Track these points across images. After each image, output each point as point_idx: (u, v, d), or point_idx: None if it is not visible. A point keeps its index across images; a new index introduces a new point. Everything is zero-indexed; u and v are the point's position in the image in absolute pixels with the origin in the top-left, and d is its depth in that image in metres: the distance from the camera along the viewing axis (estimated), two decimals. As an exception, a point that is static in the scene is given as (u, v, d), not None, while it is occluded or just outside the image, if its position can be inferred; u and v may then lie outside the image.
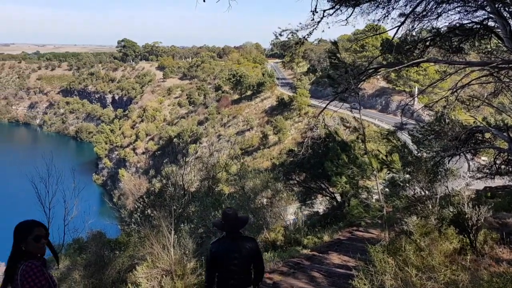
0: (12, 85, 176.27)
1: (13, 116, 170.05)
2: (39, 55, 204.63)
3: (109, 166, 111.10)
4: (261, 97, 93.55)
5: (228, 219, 5.39)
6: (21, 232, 3.98)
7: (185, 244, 8.63)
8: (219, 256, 5.30)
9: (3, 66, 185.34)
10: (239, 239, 5.39)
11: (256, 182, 16.04)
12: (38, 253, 3.96)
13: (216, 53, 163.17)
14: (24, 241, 3.94)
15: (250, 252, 5.35)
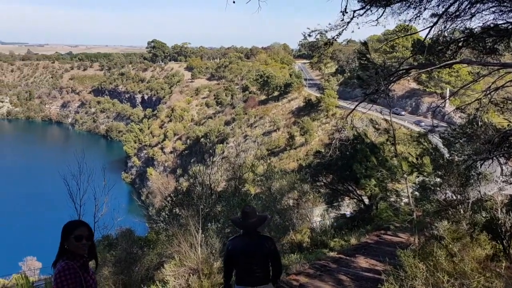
0: (45, 85, 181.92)
1: (46, 114, 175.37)
2: (72, 56, 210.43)
3: (138, 165, 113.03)
4: (288, 98, 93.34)
5: (246, 217, 5.43)
6: (65, 231, 4.07)
7: (212, 243, 8.69)
8: (235, 254, 5.39)
9: (38, 66, 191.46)
10: (256, 238, 5.43)
11: (282, 183, 15.99)
12: (78, 252, 4.02)
13: (243, 54, 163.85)
14: (67, 240, 4.03)
15: (267, 251, 5.40)
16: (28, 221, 75.22)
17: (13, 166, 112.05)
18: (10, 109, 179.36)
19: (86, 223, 4.22)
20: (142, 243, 11.85)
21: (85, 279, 4.00)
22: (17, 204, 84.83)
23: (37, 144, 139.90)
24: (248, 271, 5.42)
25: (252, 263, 5.39)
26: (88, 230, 4.13)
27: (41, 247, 52.79)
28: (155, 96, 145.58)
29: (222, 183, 19.92)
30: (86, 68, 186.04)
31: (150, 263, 10.20)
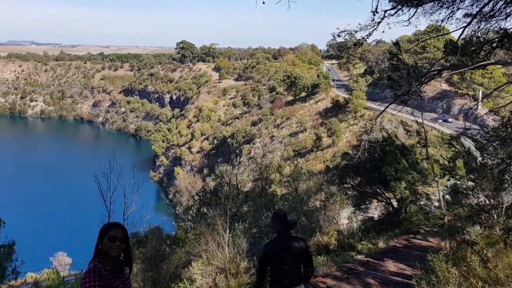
0: (77, 84, 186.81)
1: (78, 114, 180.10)
2: (103, 56, 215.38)
3: (166, 164, 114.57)
4: (315, 99, 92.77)
5: (279, 220, 5.59)
6: (101, 231, 4.12)
7: (239, 243, 8.72)
8: (272, 256, 5.48)
9: (70, 66, 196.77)
10: (290, 239, 5.58)
11: (309, 184, 15.90)
12: (110, 253, 4.05)
13: (271, 54, 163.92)
14: (102, 240, 4.07)
15: (300, 252, 5.55)
16: (60, 218, 77.27)
17: (46, 163, 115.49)
18: (43, 108, 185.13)
19: (122, 225, 4.25)
20: (171, 241, 12.00)
21: (113, 283, 4.02)
22: (50, 200, 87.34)
23: (69, 143, 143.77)
24: (283, 273, 5.52)
25: (288, 265, 5.50)
26: (123, 232, 4.15)
27: (71, 243, 54.27)
28: (183, 96, 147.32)
29: (249, 184, 19.96)
30: (116, 69, 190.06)
31: (178, 261, 10.32)
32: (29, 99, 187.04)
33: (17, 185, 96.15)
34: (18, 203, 78.27)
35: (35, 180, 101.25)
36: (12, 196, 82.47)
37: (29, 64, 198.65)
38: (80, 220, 68.78)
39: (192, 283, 8.00)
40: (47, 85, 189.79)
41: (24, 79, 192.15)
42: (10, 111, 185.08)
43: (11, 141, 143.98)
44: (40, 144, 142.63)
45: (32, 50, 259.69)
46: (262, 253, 5.64)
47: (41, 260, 34.30)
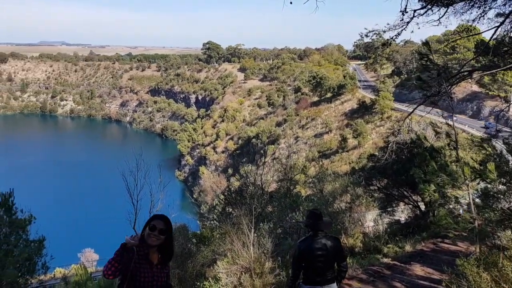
0: (106, 84, 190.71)
1: (106, 113, 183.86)
2: (131, 57, 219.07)
3: (191, 163, 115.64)
4: (341, 100, 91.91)
5: (315, 218, 5.78)
6: (147, 221, 4.40)
7: (264, 243, 8.71)
8: (306, 254, 5.69)
9: (99, 66, 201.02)
10: (324, 238, 5.75)
11: (335, 185, 15.76)
12: (148, 241, 4.27)
13: (296, 55, 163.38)
14: (145, 228, 4.34)
15: (334, 251, 5.73)
16: (88, 215, 78.93)
17: (75, 161, 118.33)
18: (73, 107, 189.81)
19: (166, 218, 4.45)
20: (197, 239, 12.10)
21: (142, 269, 4.24)
22: (78, 197, 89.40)
23: (97, 141, 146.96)
24: (318, 271, 5.70)
25: (321, 263, 5.69)
26: (164, 224, 4.35)
27: (98, 240, 55.32)
28: (208, 97, 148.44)
29: (273, 184, 19.94)
30: (144, 69, 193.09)
31: (204, 259, 10.40)
32: (59, 98, 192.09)
33: (48, 182, 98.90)
34: (48, 200, 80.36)
35: (65, 177, 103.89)
36: (43, 192, 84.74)
37: (59, 64, 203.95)
38: (108, 217, 70.12)
39: (217, 281, 8.05)
40: (76, 85, 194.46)
41: (55, 79, 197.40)
42: (41, 110, 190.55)
43: (42, 139, 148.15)
44: (69, 142, 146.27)
45: (62, 50, 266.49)
46: (297, 250, 5.82)
47: (69, 256, 35.12)
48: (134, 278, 4.20)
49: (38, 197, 70.46)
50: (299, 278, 5.88)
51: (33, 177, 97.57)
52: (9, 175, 69.62)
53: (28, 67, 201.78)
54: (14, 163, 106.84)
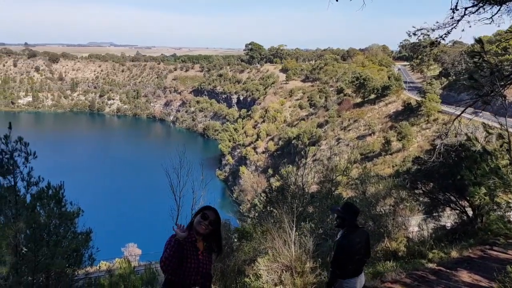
0: (151, 84, 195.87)
1: (151, 112, 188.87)
2: (176, 57, 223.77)
3: (231, 163, 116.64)
4: (385, 101, 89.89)
5: (351, 211, 5.97)
6: (199, 209, 4.68)
7: (305, 242, 8.65)
8: (347, 248, 5.86)
9: (145, 67, 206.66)
10: (358, 231, 6.01)
11: (378, 187, 15.42)
12: (197, 228, 4.50)
13: (340, 55, 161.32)
14: (196, 216, 4.58)
15: (366, 242, 6.02)
16: (132, 210, 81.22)
17: (121, 158, 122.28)
18: (119, 106, 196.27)
19: (217, 211, 4.67)
20: (239, 235, 12.18)
21: (189, 255, 4.45)
22: (123, 193, 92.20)
23: (142, 139, 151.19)
24: (356, 264, 5.92)
25: (359, 253, 5.93)
26: (215, 216, 4.60)
27: (141, 235, 56.80)
28: (250, 97, 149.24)
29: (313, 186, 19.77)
30: (188, 69, 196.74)
31: (246, 255, 10.45)
32: (107, 97, 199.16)
33: (95, 177, 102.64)
34: (95, 194, 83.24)
35: (111, 173, 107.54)
36: (90, 187, 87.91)
37: (107, 64, 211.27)
38: (151, 213, 71.89)
39: (258, 278, 8.06)
40: (123, 85, 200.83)
41: (103, 79, 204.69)
42: (90, 109, 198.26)
43: (91, 137, 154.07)
44: (116, 140, 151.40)
45: (110, 51, 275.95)
46: (339, 247, 5.96)
47: (113, 249, 36.21)
48: (182, 265, 4.36)
49: (86, 191, 73.14)
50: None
51: (82, 172, 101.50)
52: (59, 170, 72.68)
53: (78, 67, 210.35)
54: (64, 159, 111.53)
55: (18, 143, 13.19)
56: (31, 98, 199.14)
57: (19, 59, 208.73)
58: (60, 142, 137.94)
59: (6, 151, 13.01)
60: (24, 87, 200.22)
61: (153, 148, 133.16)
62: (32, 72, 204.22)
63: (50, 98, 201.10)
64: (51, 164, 79.81)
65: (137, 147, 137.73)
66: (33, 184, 14.35)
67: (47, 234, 15.58)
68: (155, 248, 32.93)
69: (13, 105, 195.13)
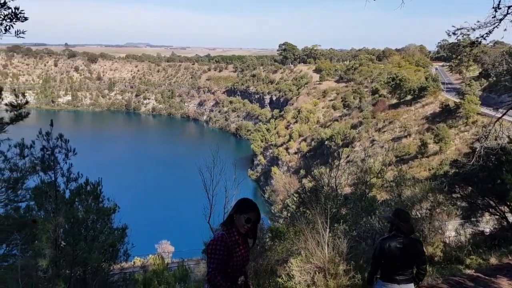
0: (186, 84, 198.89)
1: (185, 112, 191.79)
2: (210, 58, 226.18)
3: (263, 163, 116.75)
4: (422, 103, 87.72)
5: (401, 218, 5.95)
6: (241, 207, 4.67)
7: (339, 244, 8.55)
8: (386, 252, 5.87)
9: (180, 67, 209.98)
10: (407, 239, 5.90)
11: (414, 190, 15.07)
12: (240, 229, 4.57)
13: (375, 55, 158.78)
14: (238, 215, 4.59)
15: (415, 253, 5.87)
16: (165, 207, 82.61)
17: (156, 156, 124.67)
18: (155, 106, 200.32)
19: (258, 209, 4.72)
20: (273, 234, 12.20)
21: (234, 252, 4.53)
22: (157, 190, 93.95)
23: (176, 138, 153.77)
24: (395, 269, 5.87)
25: (400, 262, 5.84)
26: (257, 216, 4.65)
27: (174, 233, 57.65)
28: (282, 97, 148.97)
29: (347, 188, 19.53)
30: (221, 70, 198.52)
31: (279, 255, 10.45)
32: (142, 97, 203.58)
33: (131, 174, 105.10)
34: (130, 191, 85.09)
35: (146, 171, 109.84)
36: (126, 184, 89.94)
37: (144, 64, 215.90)
38: (184, 211, 72.91)
39: (290, 279, 8.04)
40: (158, 84, 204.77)
41: (139, 79, 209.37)
42: (126, 108, 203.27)
43: (127, 135, 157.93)
44: (151, 138, 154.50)
45: (147, 51, 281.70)
46: (377, 247, 6.03)
47: (147, 246, 36.91)
48: (228, 263, 4.46)
49: (122, 188, 74.83)
50: (377, 274, 6.08)
51: (118, 170, 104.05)
52: (97, 167, 74.73)
53: (116, 67, 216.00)
54: (101, 156, 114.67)
55: (59, 140, 13.67)
56: (70, 97, 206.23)
57: (60, 59, 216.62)
58: (98, 140, 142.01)
59: (47, 148, 13.50)
60: (64, 86, 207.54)
61: (187, 147, 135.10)
62: (72, 72, 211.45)
63: (88, 97, 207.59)
64: (89, 161, 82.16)
65: (171, 146, 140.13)
66: (73, 180, 14.84)
67: (85, 229, 16.07)
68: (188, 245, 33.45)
69: (53, 104, 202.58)
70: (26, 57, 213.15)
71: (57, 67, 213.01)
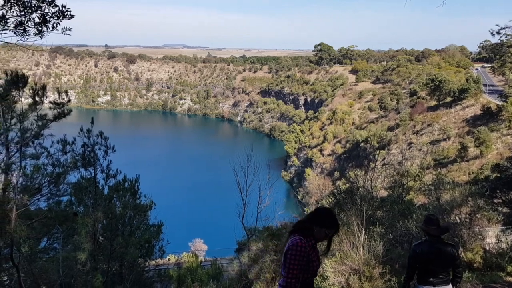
0: (221, 85, 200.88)
1: (220, 112, 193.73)
2: (245, 59, 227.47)
3: (297, 165, 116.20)
4: (462, 105, 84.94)
5: (431, 224, 6.14)
6: (323, 220, 4.62)
7: (375, 246, 8.40)
8: (420, 256, 6.07)
9: (215, 68, 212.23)
10: (439, 243, 6.10)
11: (454, 194, 14.59)
12: (318, 239, 4.61)
13: (414, 56, 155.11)
14: (320, 227, 4.56)
15: (450, 256, 6.02)
16: (199, 206, 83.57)
17: (191, 155, 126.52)
18: (190, 106, 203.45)
19: (339, 225, 4.73)
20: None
21: (312, 257, 4.54)
22: (192, 188, 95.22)
23: (210, 138, 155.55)
24: (432, 272, 6.04)
25: (435, 266, 6.02)
26: (336, 232, 4.71)
27: (207, 231, 58.28)
28: (317, 99, 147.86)
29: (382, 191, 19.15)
30: (256, 71, 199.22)
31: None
32: (178, 97, 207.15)
33: (166, 173, 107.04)
34: (166, 189, 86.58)
35: (181, 169, 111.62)
36: (161, 182, 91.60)
37: (180, 65, 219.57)
38: (218, 210, 73.57)
39: (324, 280, 7.95)
40: (194, 85, 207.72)
41: (176, 79, 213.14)
42: (163, 108, 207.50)
43: (163, 134, 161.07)
44: (186, 138, 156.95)
45: (183, 53, 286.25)
46: (412, 252, 6.22)
47: (181, 244, 37.47)
48: (307, 269, 4.54)
49: (158, 185, 76.23)
50: (414, 279, 6.25)
51: (155, 168, 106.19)
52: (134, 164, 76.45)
53: (153, 68, 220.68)
54: (139, 154, 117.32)
55: (99, 137, 14.09)
56: (109, 96, 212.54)
57: (100, 60, 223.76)
58: (135, 138, 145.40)
59: (88, 144, 13.95)
60: (104, 86, 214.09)
61: (221, 146, 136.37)
62: (111, 72, 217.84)
63: (126, 97, 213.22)
64: (127, 158, 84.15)
65: (205, 145, 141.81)
66: (111, 177, 15.28)
67: (122, 225, 16.49)
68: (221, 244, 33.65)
69: (93, 103, 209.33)
70: (68, 58, 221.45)
71: (97, 67, 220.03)
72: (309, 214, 4.76)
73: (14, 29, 5.03)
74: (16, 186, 10.72)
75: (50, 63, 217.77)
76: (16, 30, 5.06)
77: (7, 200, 9.91)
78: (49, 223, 13.13)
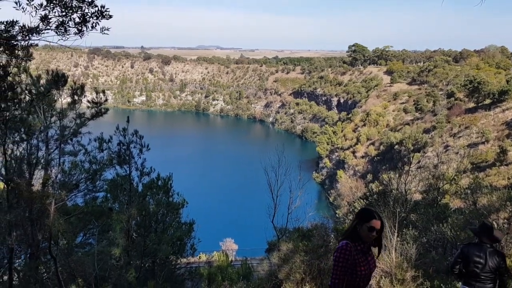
0: (253, 86, 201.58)
1: (252, 113, 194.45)
2: (277, 60, 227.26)
3: (329, 166, 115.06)
4: (502, 107, 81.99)
5: (484, 230, 6.35)
6: (363, 217, 4.65)
7: (408, 249, 8.23)
8: (465, 256, 6.30)
9: (248, 69, 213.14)
10: (488, 249, 6.24)
11: (491, 199, 14.10)
12: (365, 239, 4.60)
13: (451, 57, 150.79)
14: (361, 225, 4.59)
15: (495, 264, 6.15)
16: (230, 205, 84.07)
17: (223, 155, 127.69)
18: (223, 107, 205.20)
19: (381, 217, 4.70)
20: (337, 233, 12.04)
21: (360, 261, 4.54)
22: (223, 188, 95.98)
23: (242, 138, 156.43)
24: (476, 276, 6.21)
25: (479, 269, 6.18)
26: (381, 224, 4.62)
27: (238, 231, 58.54)
28: (350, 100, 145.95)
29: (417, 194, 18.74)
30: (289, 72, 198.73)
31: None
32: (211, 98, 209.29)
33: (199, 171, 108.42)
34: (197, 188, 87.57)
35: (213, 168, 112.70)
36: (194, 181, 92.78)
37: (213, 66, 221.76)
38: (249, 210, 73.78)
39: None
40: (227, 86, 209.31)
41: (209, 80, 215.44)
42: (196, 108, 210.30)
43: (196, 134, 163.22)
44: (219, 138, 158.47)
45: (217, 54, 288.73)
46: (459, 250, 6.50)
47: (211, 242, 37.78)
48: (354, 273, 4.47)
49: (190, 184, 77.18)
50: (455, 269, 6.47)
51: (187, 167, 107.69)
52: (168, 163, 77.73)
53: (187, 69, 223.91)
54: (172, 153, 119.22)
55: (134, 135, 14.44)
56: (144, 97, 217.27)
57: (136, 61, 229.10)
58: (169, 138, 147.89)
59: (123, 143, 14.32)
60: (139, 87, 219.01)
61: (253, 147, 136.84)
62: (147, 73, 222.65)
63: (161, 98, 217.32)
64: (161, 157, 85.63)
65: (237, 145, 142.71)
66: (145, 174, 15.63)
67: (155, 222, 16.83)
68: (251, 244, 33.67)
69: (129, 103, 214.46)
70: (106, 59, 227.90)
71: (133, 68, 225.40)
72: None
73: (56, 28, 5.25)
74: (55, 181, 11.13)
75: (88, 64, 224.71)
76: (58, 30, 5.28)
77: (47, 195, 10.31)
78: (85, 219, 13.58)
